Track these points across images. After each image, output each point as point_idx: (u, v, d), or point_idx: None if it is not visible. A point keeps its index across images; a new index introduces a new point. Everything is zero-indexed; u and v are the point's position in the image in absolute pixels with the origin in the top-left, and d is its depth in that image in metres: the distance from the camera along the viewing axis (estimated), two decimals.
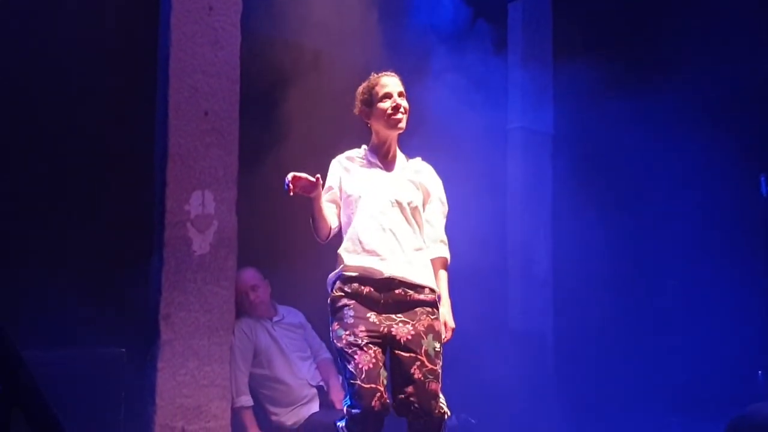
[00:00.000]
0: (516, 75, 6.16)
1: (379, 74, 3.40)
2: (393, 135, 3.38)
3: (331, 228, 3.28)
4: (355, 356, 3.05)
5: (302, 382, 4.49)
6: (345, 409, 3.12)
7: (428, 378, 3.09)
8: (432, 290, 3.24)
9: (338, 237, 3.35)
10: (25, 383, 1.86)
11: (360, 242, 3.19)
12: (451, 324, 3.29)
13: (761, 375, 4.52)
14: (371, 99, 3.35)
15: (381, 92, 3.33)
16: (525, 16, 6.26)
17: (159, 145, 4.04)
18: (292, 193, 3.06)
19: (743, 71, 5.31)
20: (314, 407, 4.46)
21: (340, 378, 3.21)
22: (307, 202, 3.22)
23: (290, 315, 4.68)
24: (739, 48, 5.47)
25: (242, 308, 4.48)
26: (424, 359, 3.10)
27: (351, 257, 3.19)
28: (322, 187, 3.22)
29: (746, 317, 5.11)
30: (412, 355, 3.10)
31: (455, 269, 4.81)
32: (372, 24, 4.92)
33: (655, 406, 5.60)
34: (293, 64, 4.88)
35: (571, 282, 5.89)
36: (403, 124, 3.33)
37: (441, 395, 3.14)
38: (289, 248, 4.59)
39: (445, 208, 3.45)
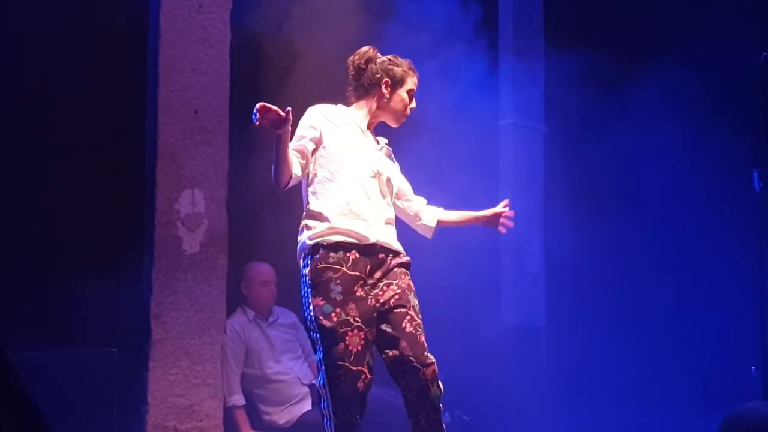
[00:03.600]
0: (507, 71, 6.15)
1: (414, 69, 3.38)
2: (389, 123, 3.39)
3: (292, 176, 3.10)
4: (346, 337, 3.00)
5: (294, 381, 4.49)
6: (324, 390, 3.05)
7: (418, 331, 3.10)
8: (405, 254, 3.27)
9: (297, 189, 3.25)
10: (11, 384, 1.84)
11: (348, 204, 3.12)
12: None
13: (754, 370, 4.52)
14: (401, 83, 3.31)
15: (411, 86, 3.34)
16: (516, 10, 6.26)
17: (149, 144, 4.03)
18: (258, 124, 2.90)
19: (735, 66, 5.31)
20: (306, 406, 4.46)
21: (318, 355, 3.08)
22: (272, 143, 3.04)
23: (284, 315, 4.68)
24: (730, 42, 5.47)
25: (246, 299, 4.49)
26: (413, 314, 3.12)
27: (339, 219, 3.10)
28: (291, 125, 3.04)
29: (739, 313, 5.13)
30: (402, 311, 3.10)
31: (448, 265, 4.81)
32: (363, 21, 4.91)
33: (649, 403, 5.61)
34: (284, 61, 4.86)
35: (564, 278, 5.90)
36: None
37: None
38: (279, 248, 4.57)
39: None
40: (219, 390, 4.12)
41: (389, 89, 3.30)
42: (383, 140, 3.43)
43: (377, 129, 3.44)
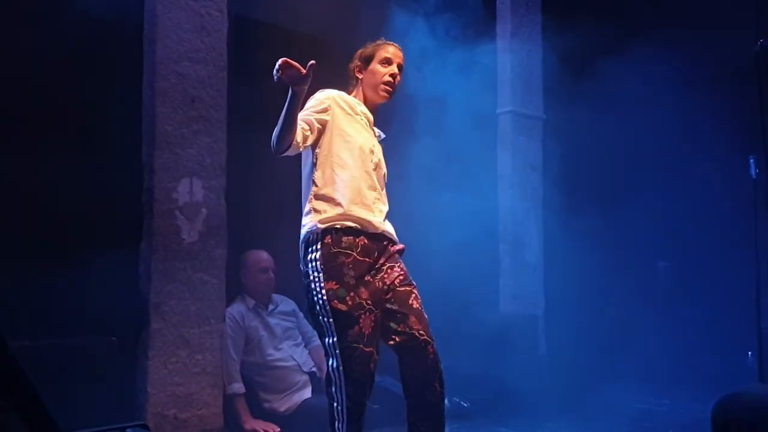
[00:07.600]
0: (505, 59, 6.15)
1: (388, 41, 3.37)
2: (377, 101, 3.35)
3: (293, 142, 3.04)
4: (360, 320, 3.03)
5: (295, 368, 4.51)
6: (336, 374, 3.04)
7: (423, 309, 3.19)
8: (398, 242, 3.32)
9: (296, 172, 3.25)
10: (12, 374, 1.84)
11: (359, 193, 3.14)
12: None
13: (751, 356, 4.54)
14: (371, 58, 3.31)
15: (383, 55, 3.31)
16: None
17: (146, 133, 4.02)
18: (277, 79, 2.84)
19: (733, 52, 5.31)
20: (307, 393, 4.48)
21: (329, 339, 3.05)
22: (284, 104, 2.95)
23: (283, 303, 4.70)
24: (729, 29, 5.47)
25: (245, 287, 4.50)
26: (416, 292, 3.20)
27: (351, 207, 3.11)
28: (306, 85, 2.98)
29: (736, 298, 5.13)
30: (407, 288, 3.18)
31: (446, 253, 4.80)
32: (360, 8, 4.90)
33: (647, 389, 5.63)
34: (281, 49, 4.84)
35: (562, 266, 5.91)
36: (389, 97, 3.33)
37: None
38: (278, 236, 4.58)
39: None
40: (219, 378, 4.13)
41: (363, 72, 3.33)
42: (378, 131, 3.45)
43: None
